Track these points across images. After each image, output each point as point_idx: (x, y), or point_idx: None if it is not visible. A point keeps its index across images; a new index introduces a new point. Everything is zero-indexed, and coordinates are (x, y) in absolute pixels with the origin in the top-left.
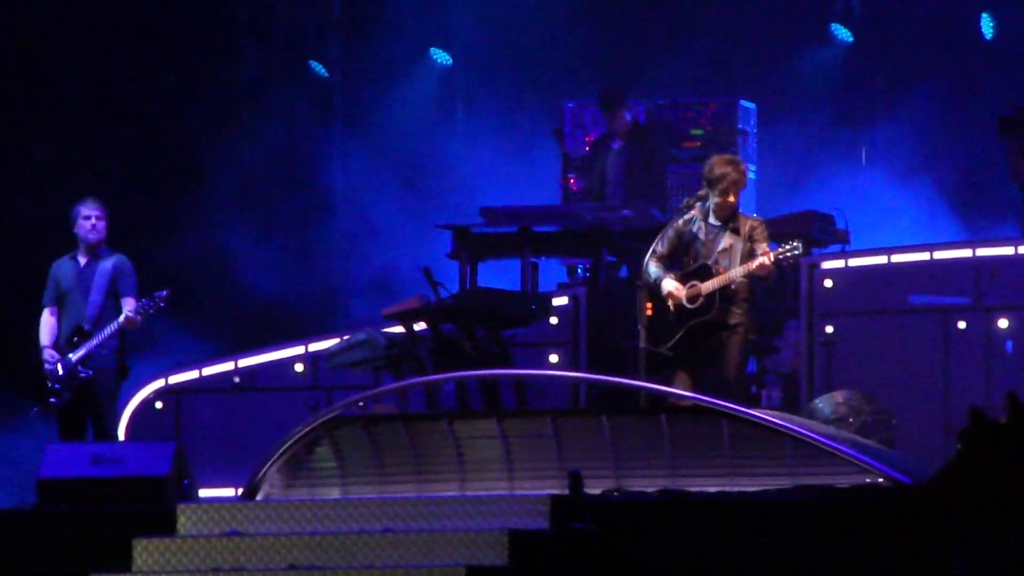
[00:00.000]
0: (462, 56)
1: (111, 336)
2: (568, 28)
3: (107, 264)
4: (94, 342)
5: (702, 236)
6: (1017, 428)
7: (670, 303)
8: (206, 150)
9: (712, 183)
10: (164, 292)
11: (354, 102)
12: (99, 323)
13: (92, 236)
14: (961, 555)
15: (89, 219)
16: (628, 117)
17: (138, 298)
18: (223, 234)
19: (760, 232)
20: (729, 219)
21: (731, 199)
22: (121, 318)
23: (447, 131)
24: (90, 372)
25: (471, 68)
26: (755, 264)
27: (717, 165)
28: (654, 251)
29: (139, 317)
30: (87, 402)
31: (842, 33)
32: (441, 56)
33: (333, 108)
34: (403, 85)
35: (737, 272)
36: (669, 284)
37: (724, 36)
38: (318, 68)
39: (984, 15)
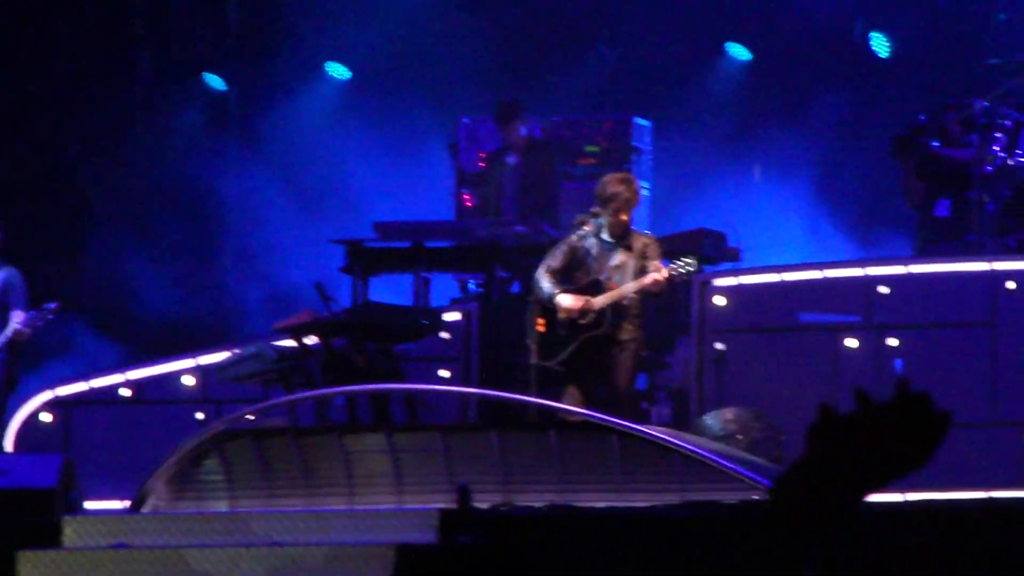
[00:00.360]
0: (358, 70)
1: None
2: (464, 44)
3: None
4: None
5: (595, 252)
6: (865, 423)
7: (563, 317)
8: (100, 164)
9: (605, 201)
10: (53, 304)
11: (250, 116)
12: None
13: None
14: (812, 555)
15: None
16: (523, 131)
17: (27, 311)
18: (116, 249)
19: (653, 249)
20: (622, 236)
21: (623, 217)
22: (8, 330)
23: (342, 146)
24: None
25: (367, 82)
26: (648, 280)
27: (610, 184)
28: (547, 266)
29: (27, 329)
30: None
31: (738, 51)
32: (337, 70)
33: (229, 123)
34: (299, 99)
35: (629, 288)
36: (564, 299)
37: (621, 52)
38: (214, 81)
39: (873, 34)
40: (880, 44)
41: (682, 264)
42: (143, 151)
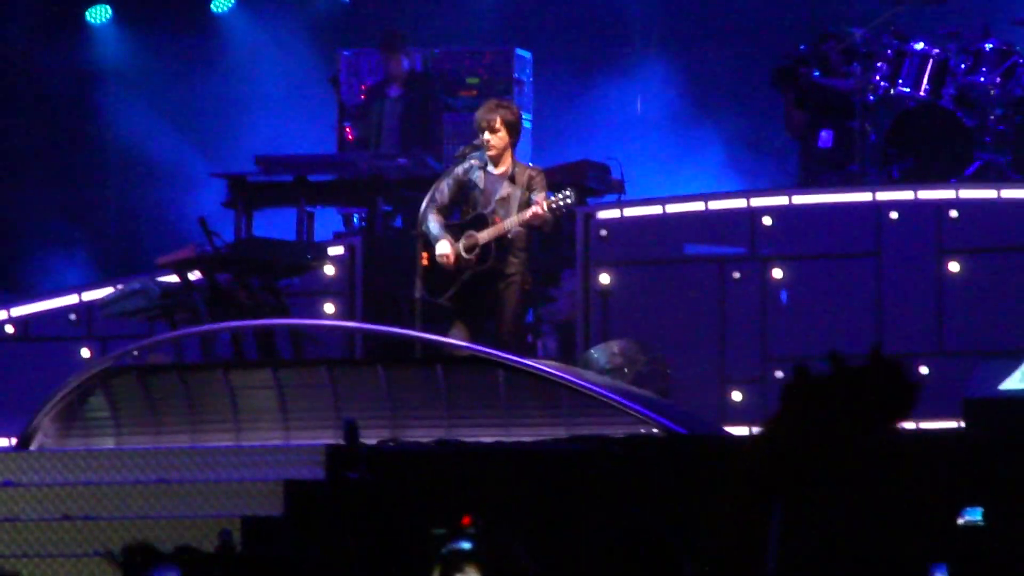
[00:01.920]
0: (239, 2)
1: None
2: None
3: None
4: None
5: (481, 184)
6: (839, 384)
7: (442, 262)
8: None
9: (478, 128)
10: None
11: (131, 51)
12: None
13: None
14: (779, 510)
15: None
16: (406, 64)
17: None
18: None
19: (538, 181)
20: (506, 166)
21: (489, 140)
22: None
23: (224, 80)
24: None
25: (249, 13)
26: (529, 213)
27: (479, 111)
28: (432, 199)
29: None
30: None
31: None
32: (219, 3)
33: (109, 57)
34: (180, 34)
35: (512, 222)
36: (443, 247)
37: None
38: (96, 15)
39: None
40: None
41: (561, 196)
42: (28, 89)
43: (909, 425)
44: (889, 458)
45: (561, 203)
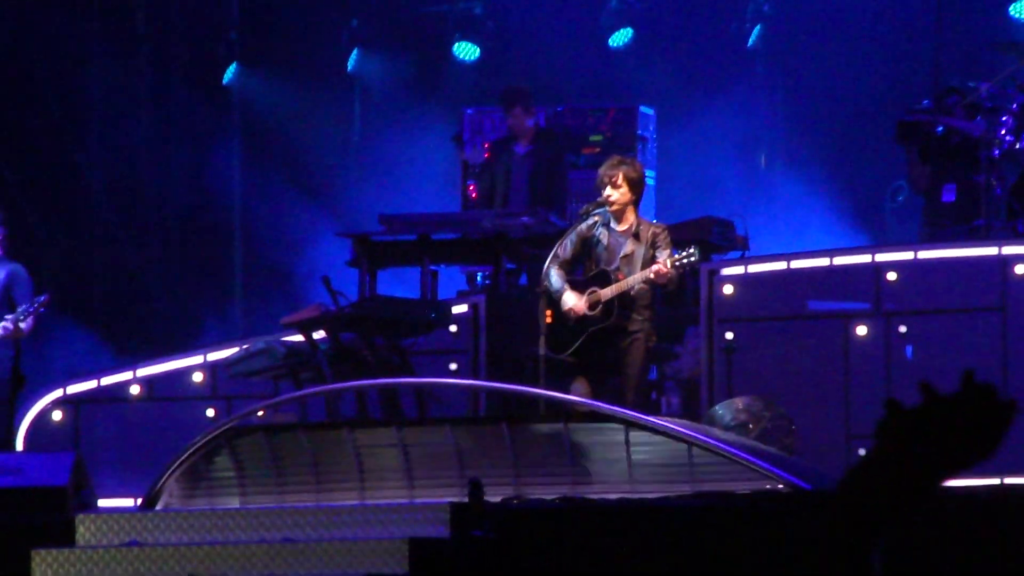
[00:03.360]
0: (363, 60)
1: (4, 345)
2: (467, 34)
3: (1, 273)
4: None
5: (605, 241)
6: (933, 413)
7: (569, 317)
8: (102, 156)
9: (600, 185)
10: (43, 297)
11: (254, 108)
12: None
13: None
14: (879, 547)
15: None
16: (530, 121)
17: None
18: (121, 244)
19: (663, 238)
20: (629, 223)
21: (611, 195)
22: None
23: (347, 138)
24: None
25: (371, 72)
26: (652, 271)
27: (603, 167)
28: (556, 255)
29: (16, 325)
30: None
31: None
32: (348, 60)
33: (233, 114)
34: (305, 91)
35: (636, 279)
36: (569, 299)
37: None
38: (230, 73)
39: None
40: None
41: (686, 254)
42: (146, 145)
43: None
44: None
45: (685, 261)
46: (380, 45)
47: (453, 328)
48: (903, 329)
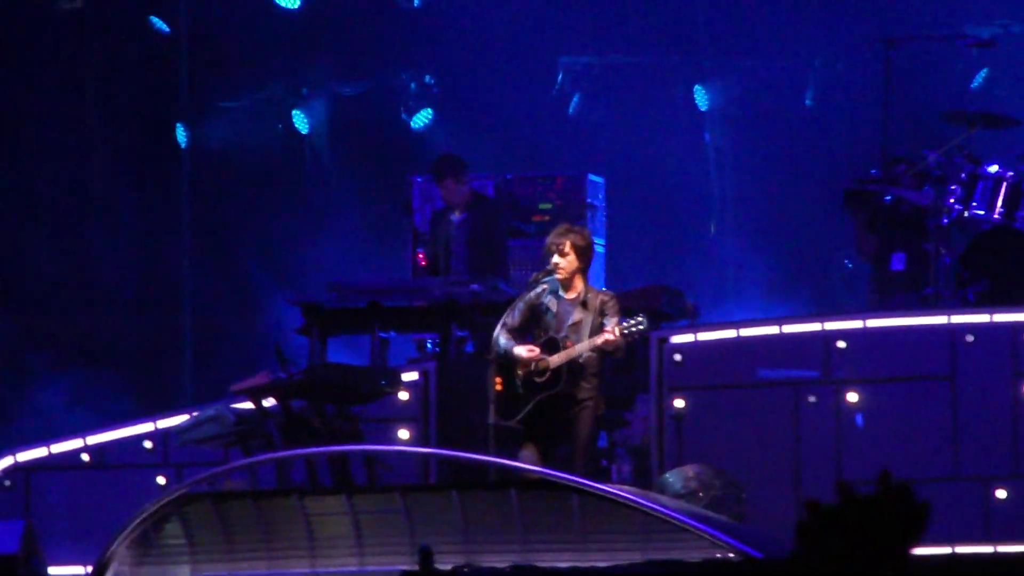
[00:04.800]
0: (314, 128)
1: None
2: (416, 103)
3: None
4: None
5: (554, 309)
6: (850, 513)
7: (520, 372)
8: (45, 227)
9: (548, 253)
10: None
11: (205, 173)
12: None
13: None
14: None
15: None
16: (464, 190)
17: None
18: (71, 311)
19: (611, 306)
20: (578, 291)
21: (558, 263)
22: None
23: (296, 205)
24: None
25: (322, 138)
26: (601, 339)
27: (551, 235)
28: (504, 323)
29: None
30: None
31: (700, 99)
32: (298, 121)
33: (182, 178)
34: (256, 155)
35: (584, 347)
36: (521, 350)
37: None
38: (181, 136)
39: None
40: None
41: (635, 323)
42: (95, 208)
43: (986, 549)
44: None
45: (634, 329)
46: (330, 108)
47: (403, 395)
48: (853, 397)
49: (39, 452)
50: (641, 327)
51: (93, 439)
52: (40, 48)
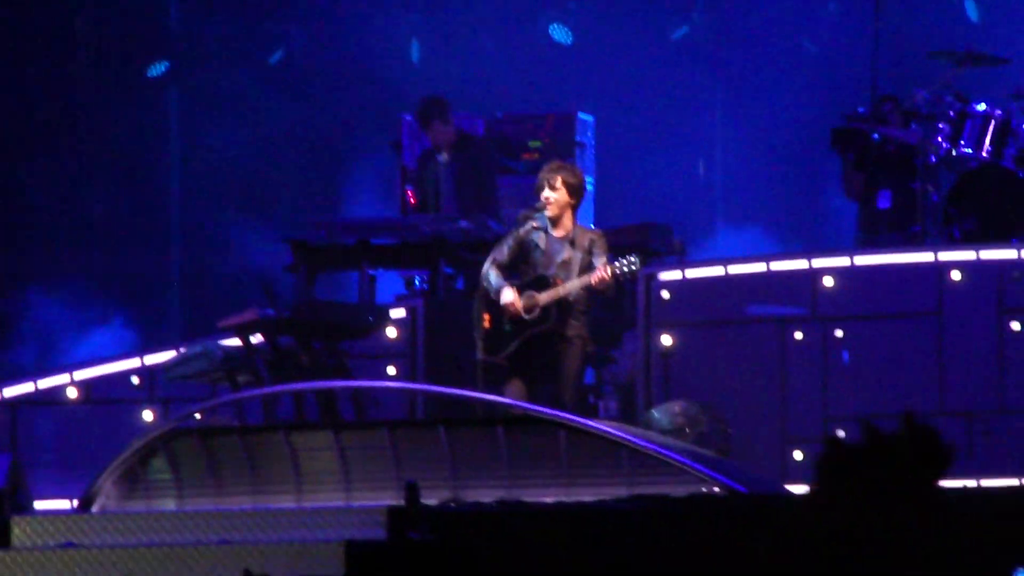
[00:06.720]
0: (304, 66)
1: None
2: (404, 41)
3: None
4: None
5: (543, 246)
6: (872, 453)
7: (507, 313)
8: (38, 164)
9: (539, 187)
10: None
11: (190, 114)
12: None
13: None
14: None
15: None
16: (449, 128)
17: None
18: (57, 255)
19: (600, 245)
20: (567, 229)
21: (548, 197)
22: None
23: (286, 143)
24: None
25: (310, 80)
26: (592, 278)
27: (542, 170)
28: (494, 259)
29: None
30: None
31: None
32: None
33: (169, 120)
34: (242, 97)
35: (574, 285)
36: (507, 295)
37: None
38: (157, 69)
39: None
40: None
41: (626, 262)
42: (83, 151)
43: (970, 483)
44: (945, 516)
45: (626, 269)
46: (317, 44)
47: (391, 332)
48: (839, 334)
49: (26, 387)
50: (634, 267)
51: (80, 374)
52: None
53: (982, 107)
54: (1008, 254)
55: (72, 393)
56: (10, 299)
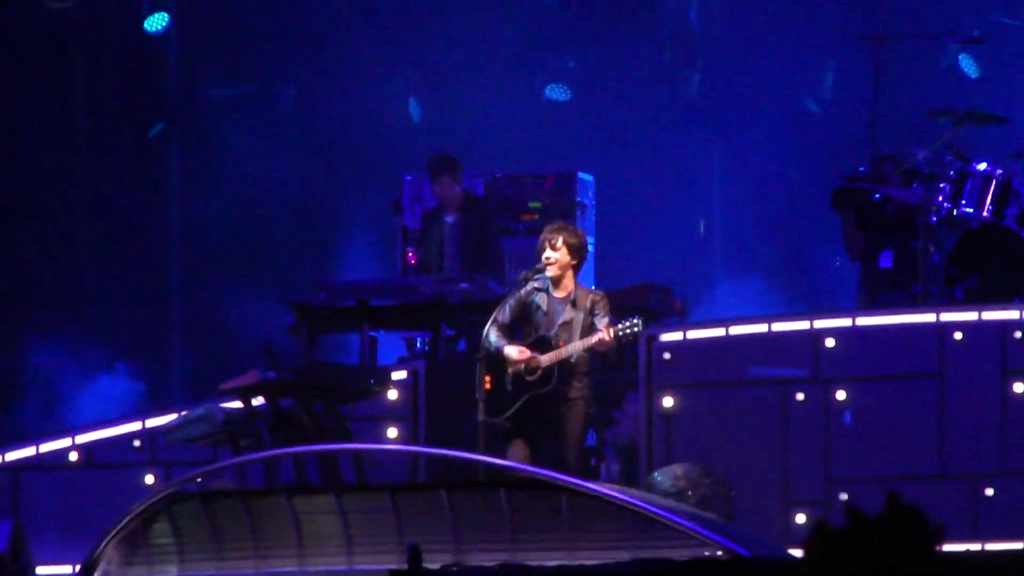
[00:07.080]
0: (302, 123)
1: None
2: (402, 101)
3: None
4: None
5: (544, 307)
6: (856, 535)
7: (510, 370)
8: (29, 224)
9: (540, 247)
10: None
11: (194, 172)
12: None
13: None
14: None
15: None
16: (457, 189)
17: None
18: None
19: (601, 306)
20: (568, 290)
21: (550, 257)
22: None
23: (285, 201)
24: None
25: (310, 139)
26: (594, 339)
27: (545, 230)
28: (495, 320)
29: None
30: None
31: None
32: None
33: (170, 180)
34: (242, 161)
35: (576, 347)
36: (511, 351)
37: (562, 109)
38: (156, 130)
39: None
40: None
41: (628, 324)
42: (84, 207)
43: (973, 546)
44: None
45: (628, 331)
46: (316, 104)
47: (392, 394)
48: (841, 395)
49: (27, 451)
50: (636, 328)
51: (82, 438)
52: (27, 47)
53: (983, 167)
54: (1010, 314)
55: (73, 456)
56: (11, 355)
